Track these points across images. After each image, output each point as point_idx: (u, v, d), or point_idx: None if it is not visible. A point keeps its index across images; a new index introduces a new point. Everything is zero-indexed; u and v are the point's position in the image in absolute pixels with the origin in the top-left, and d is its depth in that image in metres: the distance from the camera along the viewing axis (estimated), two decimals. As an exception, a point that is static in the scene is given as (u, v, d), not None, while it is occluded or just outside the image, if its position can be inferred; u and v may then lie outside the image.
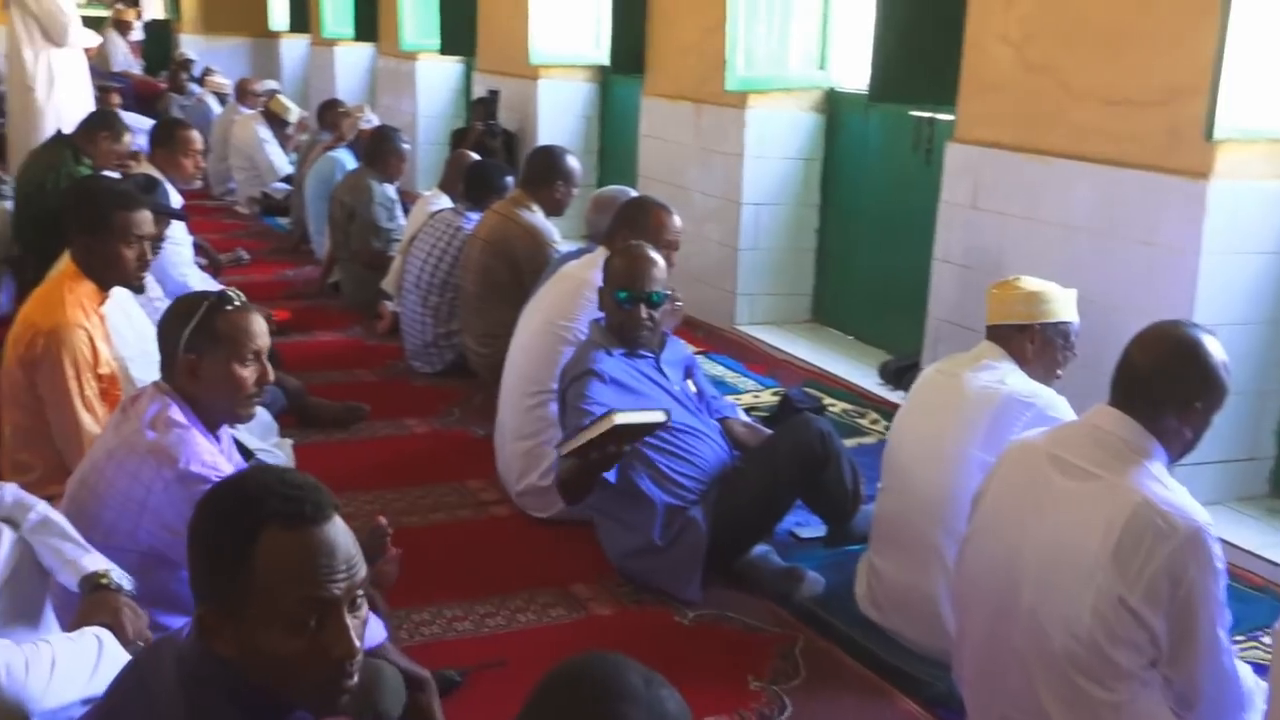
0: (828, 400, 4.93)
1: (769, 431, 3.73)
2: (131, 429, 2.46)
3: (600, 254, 3.83)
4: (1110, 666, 2.13)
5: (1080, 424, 2.31)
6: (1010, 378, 2.90)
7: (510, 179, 5.33)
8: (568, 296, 3.78)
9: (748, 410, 4.59)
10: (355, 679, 1.55)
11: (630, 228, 3.77)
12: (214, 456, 2.45)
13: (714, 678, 2.89)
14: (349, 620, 1.52)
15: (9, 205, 5.59)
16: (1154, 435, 2.19)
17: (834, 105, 6.05)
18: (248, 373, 2.52)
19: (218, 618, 1.52)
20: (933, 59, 4.77)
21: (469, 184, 5.32)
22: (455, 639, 3.04)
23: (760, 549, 3.41)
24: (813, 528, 3.64)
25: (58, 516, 2.27)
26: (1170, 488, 2.15)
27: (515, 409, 3.83)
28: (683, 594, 3.23)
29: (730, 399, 4.76)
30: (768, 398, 5.00)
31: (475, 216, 5.09)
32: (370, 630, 2.37)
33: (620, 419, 2.94)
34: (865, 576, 3.18)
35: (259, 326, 2.56)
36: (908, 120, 5.46)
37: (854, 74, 5.95)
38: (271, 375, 2.59)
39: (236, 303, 2.53)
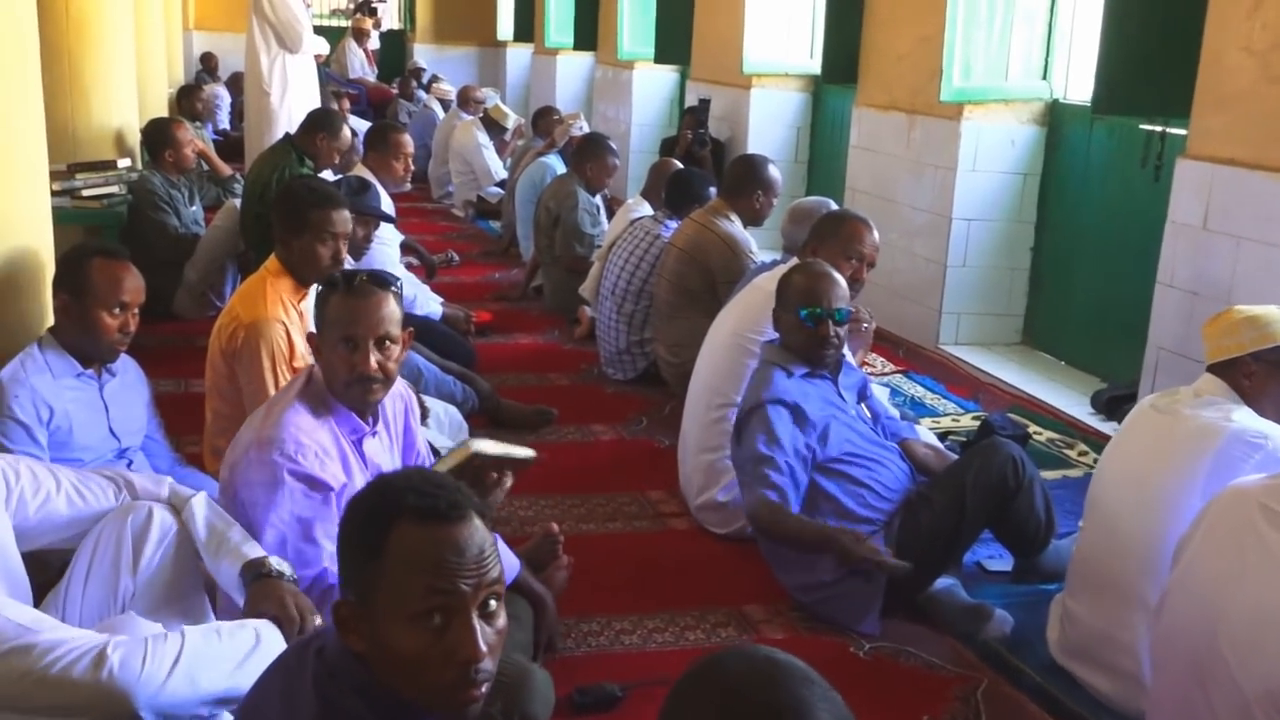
0: (1034, 428, 4.66)
1: (952, 455, 3.54)
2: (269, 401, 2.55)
3: (792, 266, 3.71)
4: (1323, 747, 1.89)
5: (1300, 474, 2.07)
6: (1237, 414, 2.61)
7: (713, 189, 5.27)
8: (756, 309, 3.68)
9: (944, 435, 4.40)
10: (484, 689, 1.52)
11: (822, 240, 3.64)
12: (312, 434, 2.46)
13: (887, 716, 2.74)
14: (477, 624, 1.49)
15: (238, 203, 5.90)
16: None
17: (1056, 117, 5.75)
18: (347, 358, 2.48)
19: (352, 610, 1.53)
20: (1164, 69, 4.45)
21: (670, 192, 5.29)
22: (621, 652, 2.99)
23: (945, 582, 3.23)
24: (1002, 560, 3.44)
25: (215, 506, 2.33)
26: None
27: (699, 421, 3.76)
28: (859, 627, 3.09)
29: (928, 422, 4.59)
30: (968, 422, 4.77)
31: (674, 224, 5.05)
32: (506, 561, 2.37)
33: (478, 446, 2.56)
34: (1059, 620, 2.95)
35: (364, 315, 2.49)
36: (1136, 134, 5.13)
37: (1078, 85, 5.65)
38: (371, 365, 2.47)
39: (345, 286, 2.52)
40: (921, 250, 5.95)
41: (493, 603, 1.52)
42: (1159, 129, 4.95)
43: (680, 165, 5.99)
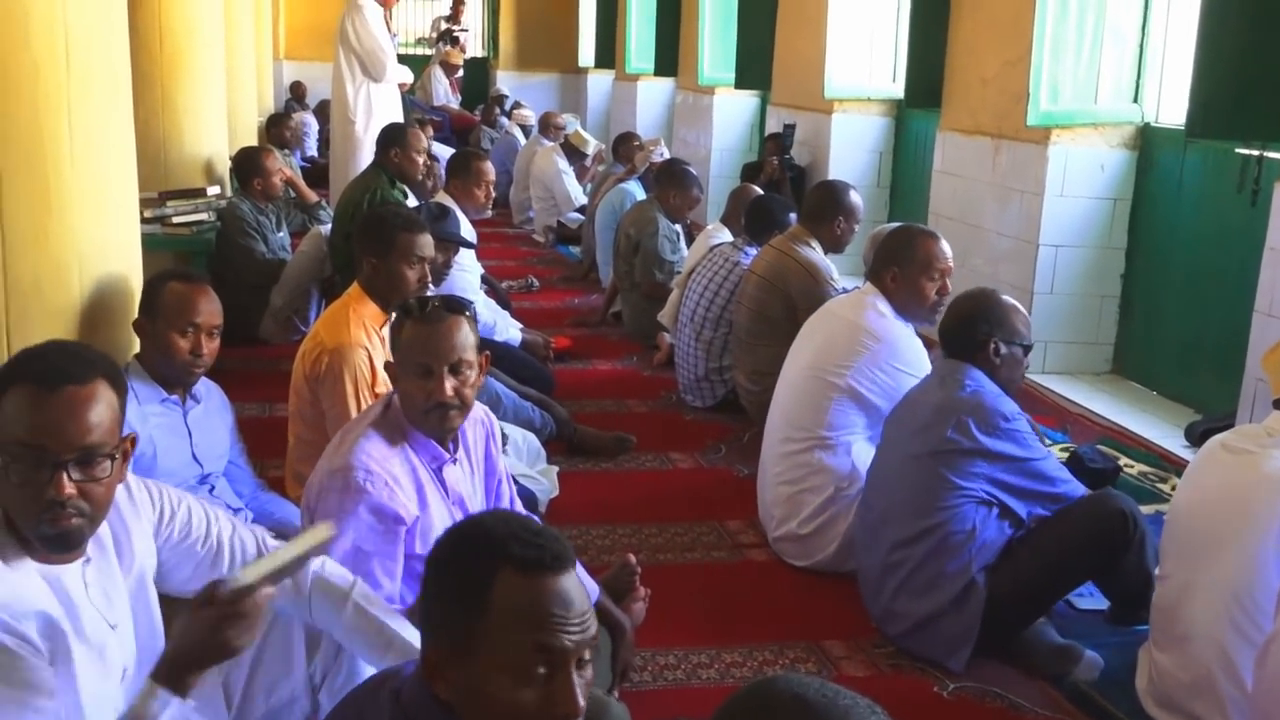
0: (1124, 460, 4.53)
1: None
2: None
3: (868, 291, 3.64)
4: None
5: None
6: None
7: (793, 215, 5.22)
8: (839, 340, 3.60)
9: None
10: None
11: (901, 264, 3.56)
12: (383, 463, 2.45)
13: (972, 758, 2.67)
14: (576, 678, 1.47)
15: (325, 229, 5.98)
16: None
17: (1147, 141, 5.61)
18: (423, 386, 2.46)
19: (445, 657, 1.50)
20: (1263, 91, 4.31)
21: (749, 218, 5.25)
22: (699, 686, 2.94)
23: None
24: (1093, 598, 3.31)
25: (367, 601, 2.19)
26: None
27: (776, 452, 3.70)
28: (948, 663, 3.01)
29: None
30: (1056, 454, 4.64)
31: (753, 251, 5.01)
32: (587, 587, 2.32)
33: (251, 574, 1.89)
34: (1146, 668, 2.84)
35: (434, 342, 2.47)
36: (1232, 158, 4.98)
37: (1171, 108, 5.51)
38: (446, 392, 2.45)
39: (418, 313, 2.51)
40: (1007, 277, 5.83)
41: (588, 653, 1.51)
42: (1256, 152, 4.80)
43: (760, 191, 5.95)
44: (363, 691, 1.68)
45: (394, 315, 2.60)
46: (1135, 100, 5.65)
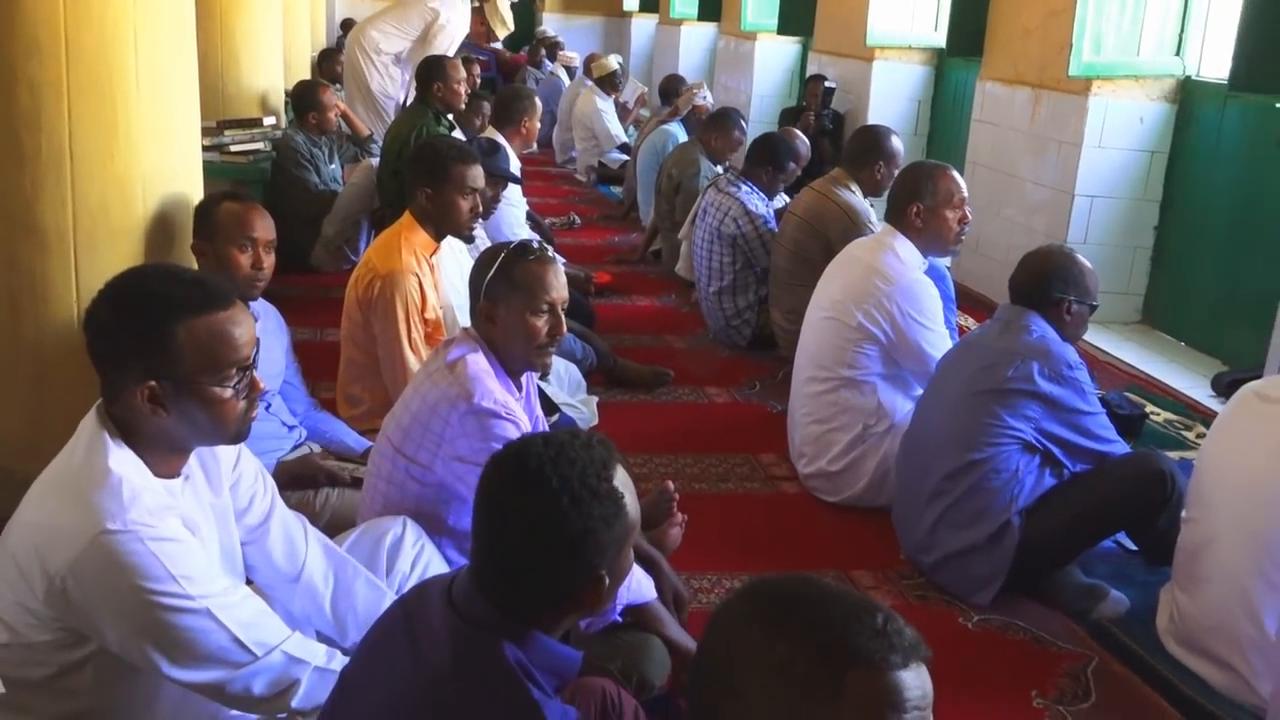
0: (1151, 408, 4.61)
1: None
2: (436, 367, 2.59)
3: (887, 233, 3.70)
4: None
5: None
6: None
7: (792, 164, 5.33)
8: (855, 282, 3.65)
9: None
10: None
11: (924, 198, 3.59)
12: (505, 397, 2.53)
13: (995, 689, 2.76)
14: None
15: (375, 162, 6.10)
16: None
17: (1188, 95, 5.62)
18: (540, 322, 2.56)
19: (596, 582, 1.58)
20: (1307, 46, 4.34)
21: (753, 147, 5.39)
22: (730, 606, 3.06)
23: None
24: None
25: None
26: None
27: (804, 392, 3.78)
28: (975, 598, 3.11)
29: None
30: (1084, 400, 4.73)
31: (745, 187, 5.16)
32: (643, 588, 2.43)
33: None
34: (1168, 608, 2.92)
35: (556, 279, 2.58)
36: (1273, 114, 5.01)
37: (1212, 62, 5.52)
38: (564, 328, 2.60)
39: (535, 253, 2.60)
40: (1041, 226, 5.89)
41: None
42: (1297, 108, 4.83)
43: (802, 135, 6.01)
44: (410, 597, 1.73)
45: (487, 253, 2.64)
46: (1177, 53, 5.66)
